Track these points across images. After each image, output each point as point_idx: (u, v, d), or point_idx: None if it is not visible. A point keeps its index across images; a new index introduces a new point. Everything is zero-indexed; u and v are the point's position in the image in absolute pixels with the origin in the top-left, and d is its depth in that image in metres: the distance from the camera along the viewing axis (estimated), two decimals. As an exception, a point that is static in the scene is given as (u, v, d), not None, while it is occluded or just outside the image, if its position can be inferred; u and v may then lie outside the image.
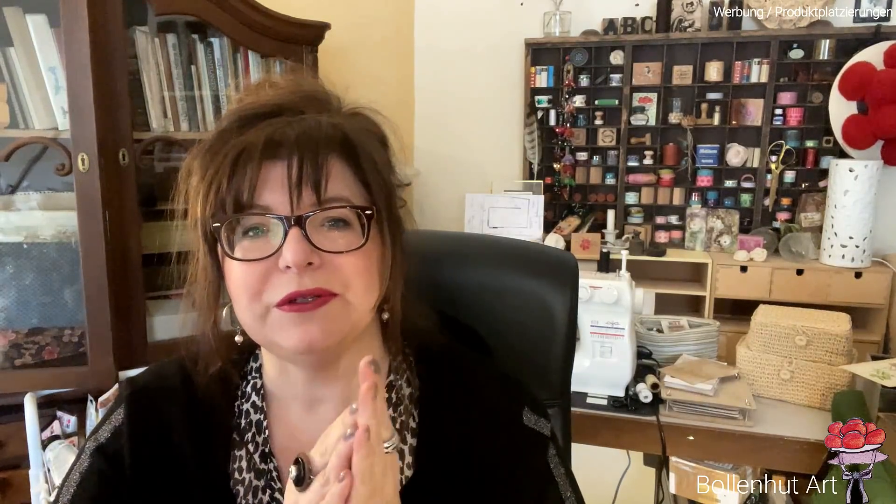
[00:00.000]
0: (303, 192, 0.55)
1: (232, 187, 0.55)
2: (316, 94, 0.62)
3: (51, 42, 1.51)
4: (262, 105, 0.60)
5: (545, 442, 0.66)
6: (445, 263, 0.83)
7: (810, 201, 3.29)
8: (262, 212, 0.56)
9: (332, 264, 0.56)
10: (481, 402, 0.65)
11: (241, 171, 0.55)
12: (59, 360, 1.59)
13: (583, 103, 3.51)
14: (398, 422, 0.64)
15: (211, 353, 0.64)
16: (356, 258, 0.57)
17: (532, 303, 0.82)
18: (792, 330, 1.46)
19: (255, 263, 0.56)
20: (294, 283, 0.55)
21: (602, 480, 1.65)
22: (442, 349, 0.68)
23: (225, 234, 0.57)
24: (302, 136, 0.56)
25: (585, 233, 3.35)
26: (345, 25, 1.99)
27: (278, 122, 0.57)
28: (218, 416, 0.64)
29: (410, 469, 0.63)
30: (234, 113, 0.60)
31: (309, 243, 0.55)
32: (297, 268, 0.54)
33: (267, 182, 0.55)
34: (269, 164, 0.55)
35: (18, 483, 1.50)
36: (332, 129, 0.58)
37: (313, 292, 0.55)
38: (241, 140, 0.56)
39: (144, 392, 0.65)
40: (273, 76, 0.65)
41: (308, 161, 0.55)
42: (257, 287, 0.56)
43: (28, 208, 1.58)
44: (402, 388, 0.66)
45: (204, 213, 0.58)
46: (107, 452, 0.63)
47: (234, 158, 0.55)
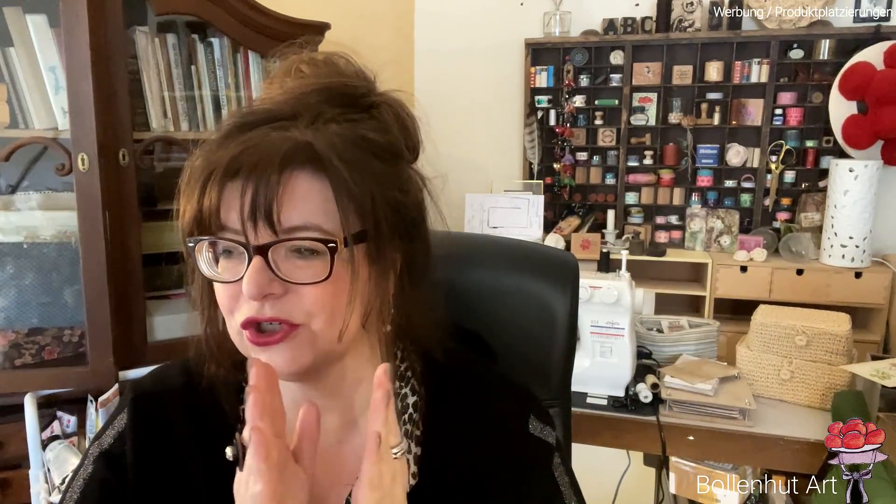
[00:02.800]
0: (258, 222, 0.52)
1: (200, 207, 0.53)
2: (332, 87, 0.59)
3: (51, 42, 1.51)
4: (254, 111, 0.57)
5: (550, 451, 0.65)
6: (445, 264, 0.83)
7: (810, 201, 3.29)
8: (230, 237, 0.54)
9: (298, 293, 0.54)
10: (486, 411, 0.64)
11: (208, 192, 0.53)
12: (59, 360, 1.59)
13: (583, 103, 3.51)
14: (402, 430, 0.64)
15: (211, 356, 0.63)
16: (322, 288, 0.53)
17: (532, 303, 0.82)
18: (792, 330, 1.46)
19: (229, 283, 0.55)
20: (254, 310, 0.54)
21: (602, 480, 1.65)
22: (448, 356, 0.66)
23: (208, 248, 0.55)
24: (261, 156, 0.52)
25: (585, 233, 3.36)
26: (345, 25, 1.99)
27: (256, 135, 0.54)
28: (222, 420, 0.63)
29: (415, 478, 0.62)
30: (229, 118, 0.58)
31: (271, 272, 0.52)
32: (252, 299, 0.53)
33: (231, 205, 0.53)
34: (231, 186, 0.53)
35: (18, 483, 1.50)
36: (296, 146, 0.53)
37: (272, 320, 0.54)
38: (217, 156, 0.54)
39: (148, 396, 0.65)
40: (310, 57, 0.61)
41: (262, 187, 0.51)
42: (231, 306, 0.55)
43: (28, 208, 1.58)
44: (406, 396, 0.65)
45: (182, 229, 0.56)
46: (110, 458, 0.62)
47: (204, 178, 0.53)
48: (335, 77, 0.60)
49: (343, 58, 0.62)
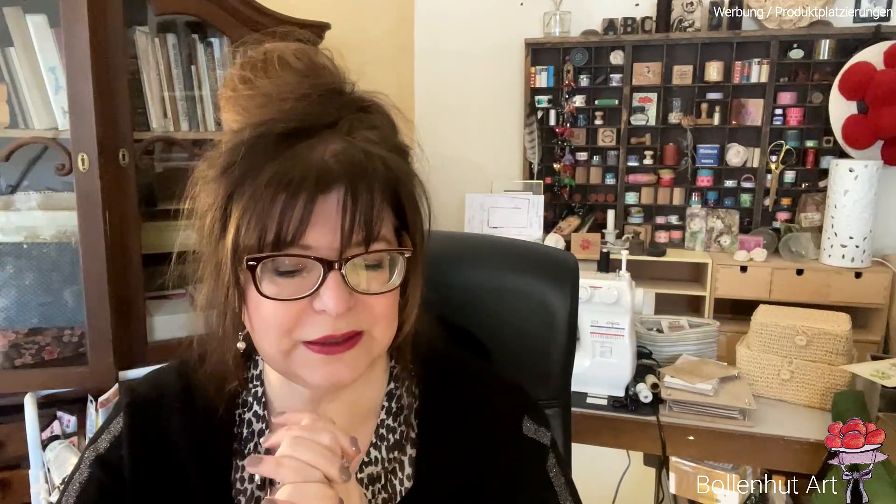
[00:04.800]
0: (353, 235, 0.51)
1: (274, 222, 0.50)
2: (333, 86, 0.57)
3: (51, 42, 1.51)
4: (291, 118, 0.53)
5: (545, 451, 0.65)
6: (445, 264, 0.83)
7: (810, 201, 3.29)
8: (303, 253, 0.51)
9: (365, 303, 0.54)
10: (481, 412, 0.64)
11: (289, 206, 0.50)
12: (59, 360, 1.59)
13: (583, 103, 3.51)
14: (398, 432, 0.64)
15: (230, 376, 0.62)
16: (387, 297, 0.56)
17: (532, 303, 0.82)
18: (792, 330, 1.46)
19: (290, 302, 0.53)
20: (329, 327, 0.53)
21: (602, 480, 1.65)
22: (443, 357, 0.66)
23: (259, 268, 0.53)
24: (352, 169, 0.51)
25: (585, 233, 3.35)
26: (345, 25, 1.99)
27: (319, 144, 0.52)
28: (219, 425, 0.63)
29: (410, 480, 0.62)
30: (260, 126, 0.53)
31: (347, 286, 0.52)
32: (338, 315, 0.52)
33: (315, 220, 0.51)
34: (321, 200, 0.51)
35: (18, 483, 1.50)
36: (376, 161, 0.53)
37: (347, 335, 0.54)
38: (281, 168, 0.50)
39: (144, 401, 0.64)
40: (282, 48, 0.60)
41: (361, 200, 0.51)
42: (289, 325, 0.53)
43: (28, 208, 1.58)
44: (402, 397, 0.66)
45: (235, 244, 0.52)
46: (106, 462, 0.62)
47: (281, 191, 0.50)
48: (328, 76, 0.58)
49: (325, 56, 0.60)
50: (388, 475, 0.63)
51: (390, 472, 0.63)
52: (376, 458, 0.63)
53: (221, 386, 0.62)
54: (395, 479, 0.63)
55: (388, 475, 0.63)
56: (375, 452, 0.63)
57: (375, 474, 0.62)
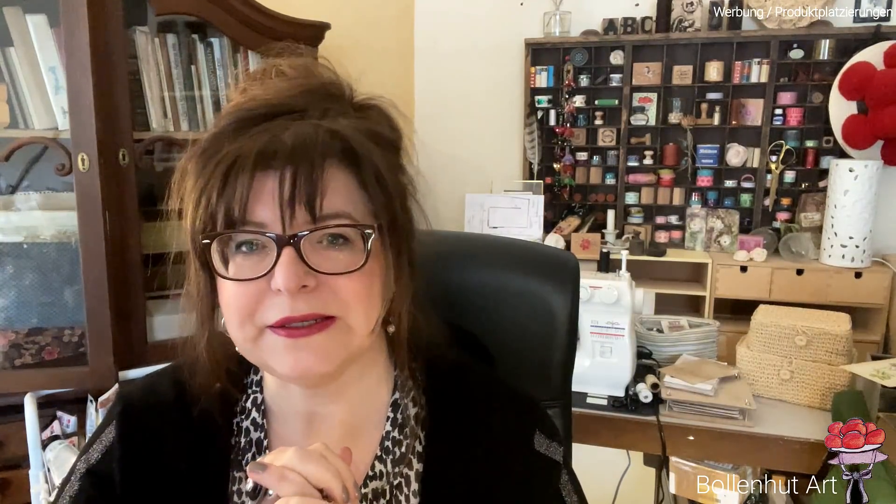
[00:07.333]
0: (296, 209, 0.50)
1: (223, 201, 0.51)
2: (324, 86, 0.57)
3: (51, 42, 1.51)
4: (261, 105, 0.54)
5: (557, 468, 0.63)
6: (445, 264, 0.83)
7: (810, 201, 3.29)
8: (254, 229, 0.51)
9: (330, 285, 0.52)
10: (491, 426, 0.62)
11: (231, 183, 0.50)
12: (59, 360, 1.59)
13: (583, 103, 3.51)
14: (404, 444, 0.61)
15: (206, 373, 0.60)
16: (357, 279, 0.52)
17: (533, 303, 0.82)
18: (792, 330, 1.46)
19: (248, 283, 0.52)
20: (287, 307, 0.51)
21: (602, 480, 1.65)
22: (451, 365, 0.64)
23: (218, 248, 0.53)
24: (297, 144, 0.51)
25: (585, 233, 3.35)
26: (345, 25, 1.99)
27: (275, 126, 0.52)
28: (216, 435, 0.60)
29: (416, 497, 0.60)
30: (231, 113, 0.54)
31: (304, 264, 0.51)
32: (288, 292, 0.50)
33: (260, 196, 0.51)
34: (261, 177, 0.51)
35: (18, 483, 1.50)
36: (330, 136, 0.52)
37: (307, 317, 0.52)
38: (234, 147, 0.51)
39: (137, 409, 0.61)
40: (281, 62, 0.59)
41: (302, 174, 0.50)
42: (250, 308, 0.52)
43: (28, 208, 1.58)
44: (407, 407, 0.63)
45: (194, 227, 0.53)
46: (97, 474, 0.60)
47: (226, 169, 0.51)
48: (323, 80, 0.59)
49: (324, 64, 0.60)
50: (393, 491, 0.60)
51: (396, 488, 0.60)
52: (381, 473, 0.60)
53: (216, 392, 0.60)
54: (402, 495, 0.60)
55: (394, 491, 0.60)
56: (380, 466, 0.60)
57: (380, 489, 0.60)
